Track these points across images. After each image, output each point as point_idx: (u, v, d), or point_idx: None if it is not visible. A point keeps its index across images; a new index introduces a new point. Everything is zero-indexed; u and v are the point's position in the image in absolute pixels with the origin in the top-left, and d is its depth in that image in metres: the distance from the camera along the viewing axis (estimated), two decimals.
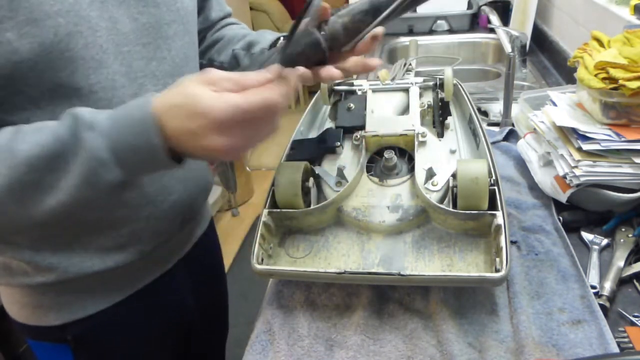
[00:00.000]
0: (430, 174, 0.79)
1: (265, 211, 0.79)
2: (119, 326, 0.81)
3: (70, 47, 0.61)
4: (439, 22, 2.20)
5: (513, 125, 1.22)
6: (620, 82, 0.82)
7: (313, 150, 0.88)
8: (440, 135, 0.92)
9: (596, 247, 0.83)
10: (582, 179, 0.85)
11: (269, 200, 0.81)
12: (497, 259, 0.68)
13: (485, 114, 1.41)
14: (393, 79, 1.02)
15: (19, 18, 0.56)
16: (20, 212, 0.57)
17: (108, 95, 0.66)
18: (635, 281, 0.76)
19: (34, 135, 0.55)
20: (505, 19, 2.03)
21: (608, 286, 0.74)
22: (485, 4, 2.12)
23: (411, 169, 0.82)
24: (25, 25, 0.57)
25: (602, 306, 0.71)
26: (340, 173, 0.82)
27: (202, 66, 0.89)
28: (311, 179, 0.82)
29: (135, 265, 0.78)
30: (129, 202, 0.73)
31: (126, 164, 0.55)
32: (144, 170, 0.58)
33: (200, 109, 0.52)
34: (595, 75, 0.87)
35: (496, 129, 1.28)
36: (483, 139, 0.85)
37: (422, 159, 0.81)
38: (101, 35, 0.64)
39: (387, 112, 0.93)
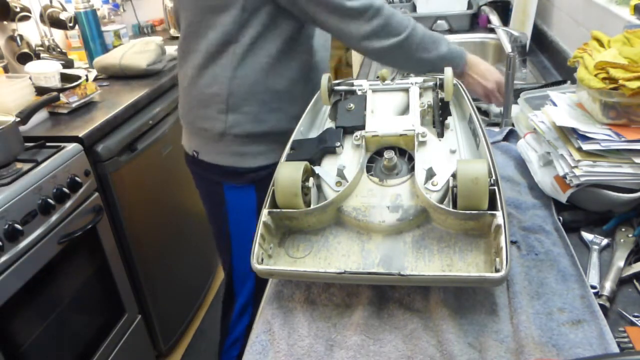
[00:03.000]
0: (430, 174, 0.79)
1: (265, 211, 0.79)
2: None
3: None
4: (439, 22, 2.20)
5: (513, 125, 1.22)
6: (620, 82, 0.82)
7: (313, 150, 0.88)
8: (440, 135, 0.92)
9: (596, 247, 0.83)
10: (582, 179, 0.85)
11: (269, 200, 0.81)
12: (497, 259, 0.68)
13: (485, 114, 1.41)
14: (393, 79, 1.02)
15: None
16: (421, 52, 1.12)
17: None
18: (635, 281, 0.76)
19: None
20: (505, 19, 2.03)
21: (608, 286, 0.74)
22: (485, 4, 2.12)
23: (411, 169, 0.82)
24: None
25: (602, 306, 0.71)
26: (340, 173, 0.82)
27: None
28: (311, 179, 0.82)
29: None
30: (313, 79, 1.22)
31: (455, 62, 1.18)
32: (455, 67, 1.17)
33: (494, 70, 1.23)
34: (595, 75, 0.87)
35: (496, 129, 1.28)
36: (483, 139, 0.85)
37: (422, 159, 0.81)
38: None
39: (387, 112, 0.93)
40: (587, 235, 0.86)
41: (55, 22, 2.10)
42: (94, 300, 1.57)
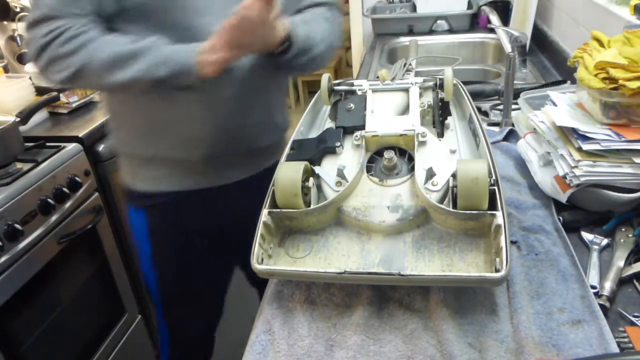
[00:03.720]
0: (430, 174, 0.79)
1: (265, 211, 0.79)
2: (181, 209, 1.12)
3: None
4: (439, 22, 2.20)
5: (513, 125, 1.22)
6: (620, 82, 0.82)
7: (313, 150, 0.88)
8: (440, 135, 0.92)
9: (596, 247, 0.83)
10: (582, 179, 0.85)
11: (269, 200, 0.81)
12: (497, 259, 0.68)
13: (485, 114, 1.41)
14: (393, 79, 1.02)
15: None
16: (107, 77, 0.88)
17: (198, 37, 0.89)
18: (635, 281, 0.76)
19: (126, 41, 0.88)
20: (505, 19, 2.03)
21: (608, 286, 0.74)
22: (485, 4, 2.12)
23: (411, 169, 0.82)
24: None
25: (602, 306, 0.71)
26: (340, 173, 0.82)
27: None
28: (311, 179, 0.82)
29: (198, 167, 1.07)
30: (185, 110, 1.01)
31: (173, 72, 0.87)
32: (181, 81, 0.89)
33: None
34: (595, 75, 0.87)
35: (496, 129, 1.28)
36: (483, 139, 0.85)
37: (422, 159, 0.81)
38: None
39: (387, 112, 0.93)
40: (587, 235, 0.86)
41: None
42: (94, 300, 1.57)
